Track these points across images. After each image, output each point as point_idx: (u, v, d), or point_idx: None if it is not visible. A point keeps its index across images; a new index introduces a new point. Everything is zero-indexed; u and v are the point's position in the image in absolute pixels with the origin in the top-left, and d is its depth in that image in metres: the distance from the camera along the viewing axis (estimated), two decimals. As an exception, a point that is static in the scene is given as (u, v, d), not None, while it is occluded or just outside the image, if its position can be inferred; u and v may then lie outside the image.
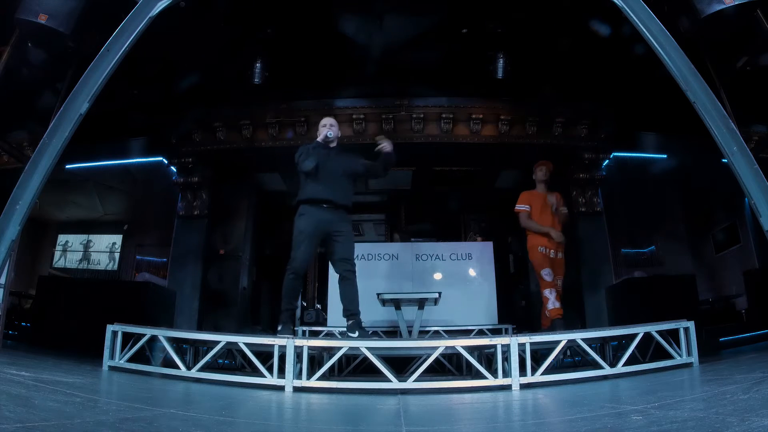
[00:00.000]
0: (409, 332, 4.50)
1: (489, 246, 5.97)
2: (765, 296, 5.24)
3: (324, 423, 2.14)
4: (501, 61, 4.96)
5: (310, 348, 3.02)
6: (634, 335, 3.11)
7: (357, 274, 3.60)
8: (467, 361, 3.19)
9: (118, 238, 7.87)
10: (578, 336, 3.11)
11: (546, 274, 4.44)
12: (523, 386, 2.84)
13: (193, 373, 3.11)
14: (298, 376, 2.93)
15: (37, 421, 1.35)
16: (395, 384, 2.89)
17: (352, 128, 5.92)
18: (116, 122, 5.63)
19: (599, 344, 3.60)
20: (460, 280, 5.76)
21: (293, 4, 4.35)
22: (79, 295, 5.20)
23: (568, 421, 1.75)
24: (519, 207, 4.65)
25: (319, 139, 3.73)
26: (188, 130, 6.10)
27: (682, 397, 1.99)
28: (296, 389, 2.87)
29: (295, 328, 3.67)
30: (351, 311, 3.50)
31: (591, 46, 4.54)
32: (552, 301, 4.34)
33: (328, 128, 3.74)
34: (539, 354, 3.23)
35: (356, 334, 3.36)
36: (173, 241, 6.35)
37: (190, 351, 3.71)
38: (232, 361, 4.27)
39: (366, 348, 3.04)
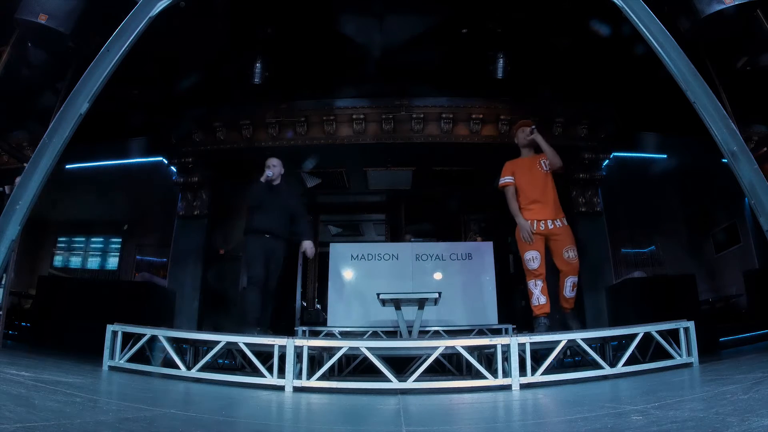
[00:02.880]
0: (409, 332, 4.49)
1: (489, 246, 5.96)
2: (765, 296, 5.24)
3: (324, 423, 2.14)
4: (501, 61, 4.96)
5: (310, 348, 3.02)
6: (634, 335, 3.11)
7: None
8: (467, 361, 3.19)
9: (118, 238, 7.86)
10: (578, 336, 3.11)
11: (530, 258, 3.78)
12: (523, 386, 2.84)
13: (193, 373, 3.11)
14: (298, 376, 2.93)
15: (37, 421, 1.35)
16: (395, 384, 2.89)
17: (352, 128, 5.92)
18: (116, 122, 5.63)
19: (599, 344, 3.60)
20: (460, 280, 5.75)
21: (293, 4, 4.35)
22: (79, 295, 5.21)
23: (568, 421, 1.75)
24: (501, 181, 4.05)
25: (261, 179, 4.25)
26: (188, 130, 6.10)
27: (682, 397, 1.99)
28: (296, 389, 2.87)
29: (295, 328, 3.77)
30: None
31: (591, 46, 4.54)
32: (536, 296, 3.76)
33: (270, 168, 4.28)
34: (539, 354, 3.23)
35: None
36: (173, 241, 6.35)
37: (190, 351, 3.71)
38: (232, 361, 4.28)
39: (366, 348, 3.04)
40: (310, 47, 4.90)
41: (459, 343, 3.07)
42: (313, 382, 2.92)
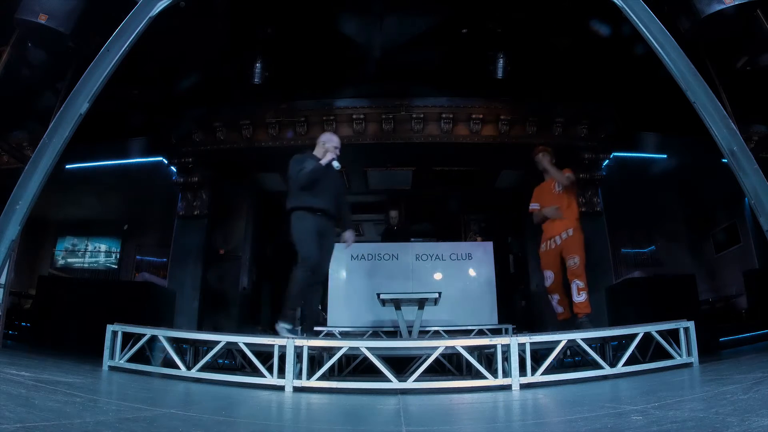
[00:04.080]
0: (409, 332, 4.49)
1: (489, 246, 5.96)
2: (765, 296, 5.24)
3: (324, 423, 2.14)
4: (501, 61, 4.96)
5: (310, 348, 3.02)
6: (634, 335, 3.11)
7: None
8: (467, 361, 3.19)
9: (118, 238, 7.87)
10: (578, 336, 3.11)
11: (545, 277, 4.32)
12: (523, 386, 2.84)
13: (193, 373, 3.11)
14: (298, 376, 2.93)
15: (37, 421, 1.35)
16: (395, 384, 2.89)
17: (352, 128, 5.92)
18: (116, 122, 5.63)
19: (599, 344, 3.59)
20: (460, 280, 5.75)
21: (293, 4, 4.35)
22: (79, 295, 5.20)
23: (568, 421, 1.75)
24: (531, 207, 4.52)
25: (323, 162, 3.81)
26: (188, 130, 6.10)
27: (682, 397, 1.99)
28: (296, 389, 2.87)
29: (295, 328, 3.71)
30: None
31: (591, 46, 4.54)
32: (555, 307, 4.27)
33: (329, 146, 3.88)
34: (539, 354, 3.23)
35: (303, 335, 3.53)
36: (173, 241, 6.35)
37: (190, 351, 3.71)
38: (232, 361, 4.27)
39: (366, 348, 3.04)
40: (310, 47, 4.90)
41: (459, 343, 3.07)
42: (313, 382, 2.92)
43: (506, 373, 2.89)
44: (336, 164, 3.86)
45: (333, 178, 3.94)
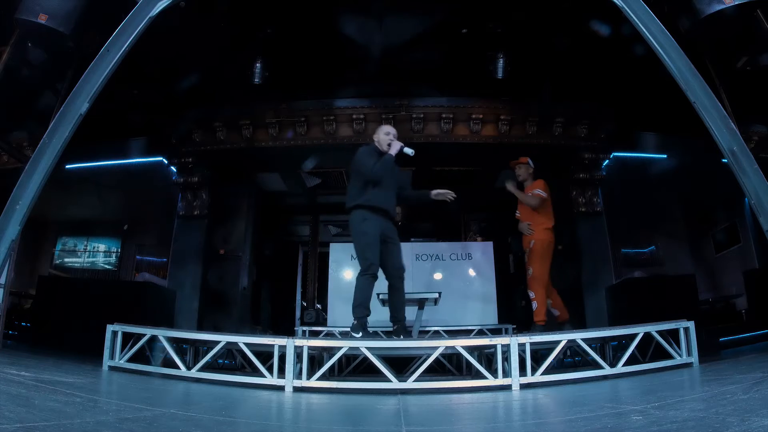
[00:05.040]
0: (409, 332, 4.49)
1: (489, 246, 5.96)
2: (765, 296, 5.23)
3: (324, 423, 2.14)
4: (501, 61, 4.96)
5: (310, 348, 3.02)
6: (634, 335, 3.11)
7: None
8: (467, 361, 3.19)
9: (118, 238, 7.86)
10: (578, 336, 3.11)
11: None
12: (523, 386, 2.84)
13: (193, 373, 3.11)
14: (298, 376, 2.93)
15: (37, 421, 1.35)
16: (395, 384, 2.89)
17: (352, 128, 5.92)
18: (116, 122, 5.63)
19: (599, 344, 3.60)
20: (460, 280, 5.75)
21: (293, 4, 4.35)
22: (79, 295, 5.20)
23: (568, 421, 1.75)
24: (516, 213, 4.65)
25: (392, 151, 3.69)
26: (188, 130, 6.10)
27: (682, 397, 1.99)
28: (296, 389, 2.87)
29: (295, 328, 3.71)
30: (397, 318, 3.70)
31: (591, 46, 4.54)
32: (551, 311, 4.39)
33: (393, 137, 3.76)
34: (539, 354, 3.23)
35: (400, 338, 3.53)
36: (173, 241, 6.35)
37: (190, 351, 3.71)
38: (232, 361, 4.27)
39: (366, 348, 3.04)
40: (310, 47, 4.90)
41: (459, 343, 3.07)
42: (313, 382, 2.92)
43: (506, 373, 2.89)
44: (408, 150, 3.70)
45: (394, 174, 3.78)
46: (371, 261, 3.50)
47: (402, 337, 3.51)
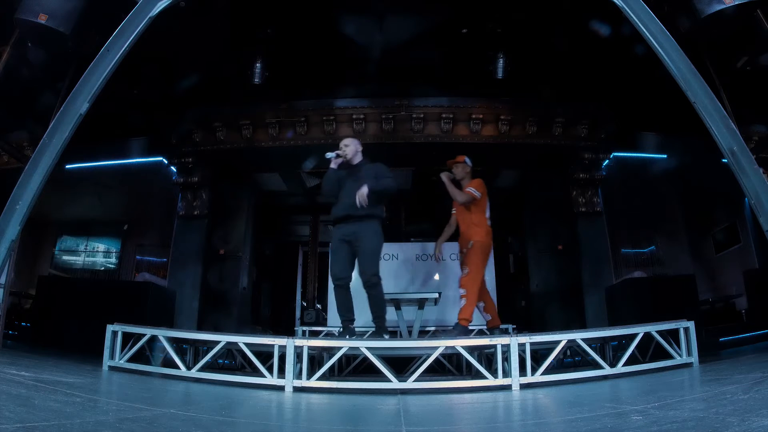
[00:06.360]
0: (409, 332, 4.49)
1: (489, 246, 5.94)
2: (765, 296, 5.24)
3: (324, 423, 2.14)
4: (501, 61, 4.96)
5: (309, 348, 3.02)
6: (634, 335, 3.11)
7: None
8: (467, 361, 3.19)
9: (117, 238, 7.86)
10: (578, 336, 3.11)
11: None
12: (523, 386, 2.84)
13: (193, 373, 3.11)
14: (298, 376, 2.93)
15: (37, 421, 1.35)
16: (395, 384, 2.89)
17: (352, 128, 5.92)
18: (116, 122, 5.63)
19: (599, 344, 3.60)
20: (460, 280, 5.73)
21: (293, 4, 4.35)
22: (79, 295, 5.21)
23: (568, 421, 1.75)
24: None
25: (332, 165, 3.77)
26: (188, 130, 6.10)
27: (682, 397, 1.99)
28: (296, 389, 2.87)
29: (295, 328, 3.72)
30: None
31: (591, 46, 4.54)
32: (482, 315, 4.43)
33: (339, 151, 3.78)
34: (539, 354, 3.23)
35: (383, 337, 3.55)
36: (173, 241, 6.35)
37: (190, 351, 3.71)
38: (232, 361, 4.27)
39: (366, 348, 3.04)
40: (310, 47, 4.90)
41: (459, 343, 3.07)
42: (313, 382, 2.92)
43: (506, 373, 2.89)
44: (328, 154, 3.75)
45: (348, 182, 3.73)
46: (332, 273, 3.70)
47: (386, 336, 3.59)
